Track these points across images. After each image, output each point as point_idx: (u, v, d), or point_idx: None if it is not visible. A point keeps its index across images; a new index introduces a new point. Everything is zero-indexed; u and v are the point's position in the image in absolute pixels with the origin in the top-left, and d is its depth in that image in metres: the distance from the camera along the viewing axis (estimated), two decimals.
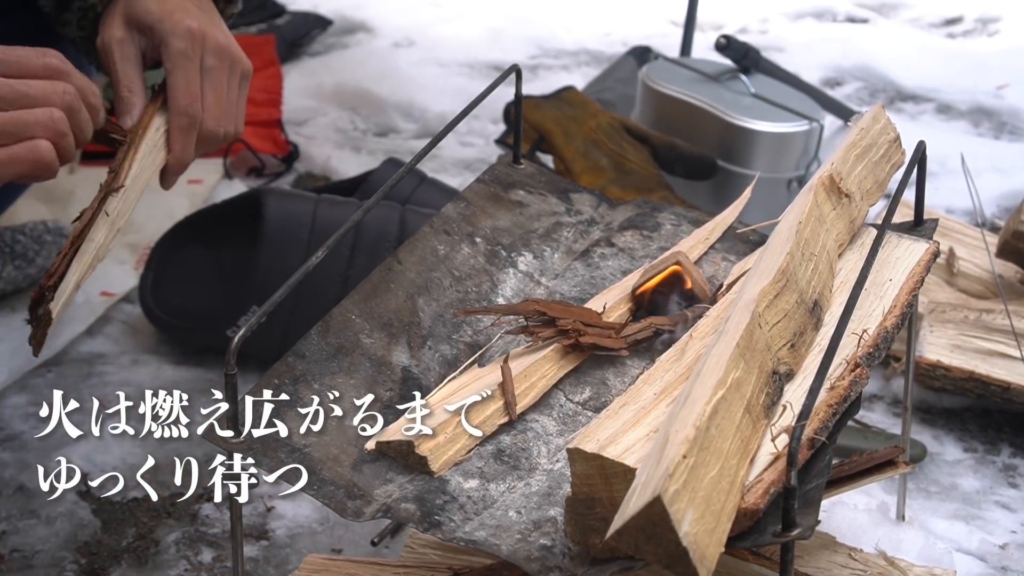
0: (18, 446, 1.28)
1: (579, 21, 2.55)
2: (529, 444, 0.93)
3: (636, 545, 0.69)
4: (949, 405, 1.40)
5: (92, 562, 1.14)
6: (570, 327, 0.98)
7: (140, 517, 1.20)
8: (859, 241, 1.02)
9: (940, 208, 1.75)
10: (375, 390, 0.95)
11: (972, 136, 2.12)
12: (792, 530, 0.74)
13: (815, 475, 0.79)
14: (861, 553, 1.05)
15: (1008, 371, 1.34)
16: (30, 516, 1.19)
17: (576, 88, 1.80)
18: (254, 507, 1.20)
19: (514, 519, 0.86)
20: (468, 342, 1.02)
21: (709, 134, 1.71)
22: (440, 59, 2.34)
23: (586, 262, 1.11)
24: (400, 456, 0.89)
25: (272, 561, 1.15)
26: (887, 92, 2.25)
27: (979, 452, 1.33)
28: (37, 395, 1.35)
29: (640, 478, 0.71)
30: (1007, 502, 1.26)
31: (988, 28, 2.60)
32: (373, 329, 0.98)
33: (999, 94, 2.24)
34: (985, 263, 1.49)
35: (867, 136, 1.03)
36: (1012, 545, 1.20)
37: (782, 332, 0.85)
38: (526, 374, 0.95)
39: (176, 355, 1.43)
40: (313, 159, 1.94)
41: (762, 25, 2.55)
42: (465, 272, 1.06)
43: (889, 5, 2.71)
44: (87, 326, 1.46)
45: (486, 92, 1.08)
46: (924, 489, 1.27)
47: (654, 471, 0.69)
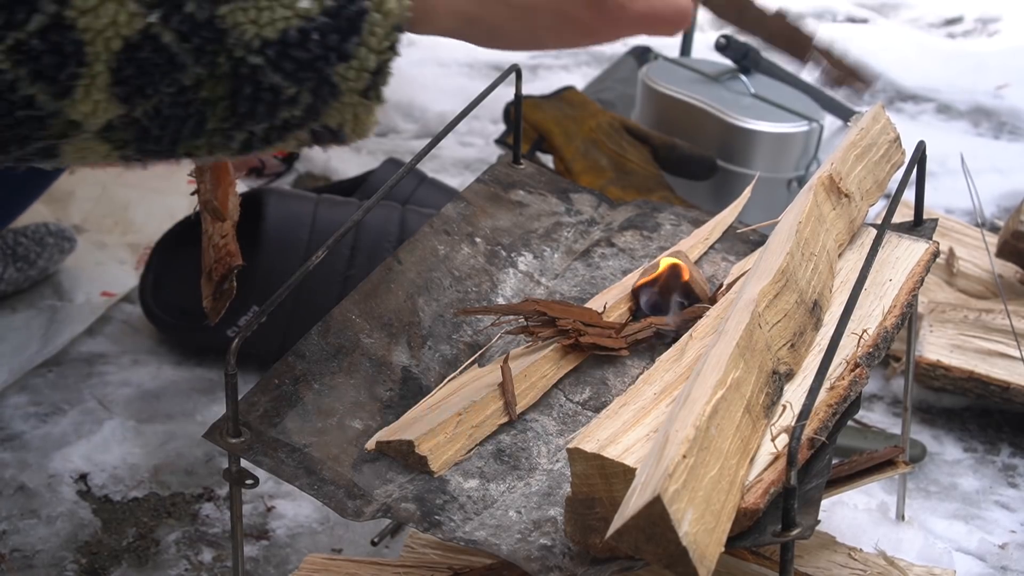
0: (18, 446, 1.28)
1: None
2: (529, 444, 0.93)
3: (636, 545, 0.69)
4: (949, 405, 1.40)
5: (92, 562, 1.14)
6: (570, 327, 0.98)
7: (140, 517, 1.20)
8: (859, 241, 1.02)
9: (940, 208, 1.75)
10: (375, 390, 0.95)
11: (972, 136, 2.12)
12: (792, 530, 0.74)
13: (815, 475, 0.79)
14: (861, 553, 1.05)
15: (1008, 371, 1.34)
16: (30, 516, 1.19)
17: (576, 88, 1.80)
18: (254, 507, 1.20)
19: (514, 519, 0.86)
20: (468, 342, 1.02)
21: (709, 134, 1.71)
22: (440, 59, 2.34)
23: (586, 262, 1.11)
24: (400, 456, 0.89)
25: (272, 561, 1.15)
26: (887, 92, 2.25)
27: (979, 452, 1.33)
28: (38, 395, 1.35)
29: (640, 478, 0.71)
30: (1007, 502, 1.26)
31: (988, 28, 2.60)
32: (373, 329, 0.98)
33: (999, 94, 2.24)
34: (985, 263, 1.50)
35: (867, 136, 1.04)
36: (1012, 545, 1.20)
37: (782, 332, 0.85)
38: (526, 374, 0.95)
39: (176, 355, 1.43)
40: (313, 159, 1.94)
41: None
42: (465, 272, 1.06)
43: (889, 5, 2.71)
44: (87, 326, 1.46)
45: (486, 92, 1.08)
46: (924, 489, 1.27)
47: (654, 471, 0.69)
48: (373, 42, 0.72)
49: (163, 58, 0.70)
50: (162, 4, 0.69)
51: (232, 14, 0.70)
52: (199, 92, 0.71)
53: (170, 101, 0.71)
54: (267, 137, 0.75)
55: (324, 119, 0.75)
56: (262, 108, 0.73)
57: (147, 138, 0.73)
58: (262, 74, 0.72)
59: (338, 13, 0.71)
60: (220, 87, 0.72)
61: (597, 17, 0.79)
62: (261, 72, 0.72)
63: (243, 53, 0.71)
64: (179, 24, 0.69)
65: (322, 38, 0.71)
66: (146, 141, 0.73)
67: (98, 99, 0.70)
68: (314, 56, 0.72)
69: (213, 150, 0.75)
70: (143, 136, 0.73)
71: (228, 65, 0.71)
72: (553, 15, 0.78)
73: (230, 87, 0.72)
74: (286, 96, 0.73)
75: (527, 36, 0.79)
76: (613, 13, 0.79)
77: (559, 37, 0.80)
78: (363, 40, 0.72)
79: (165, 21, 0.69)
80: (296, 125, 0.75)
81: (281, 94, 0.72)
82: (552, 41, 0.80)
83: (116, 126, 0.72)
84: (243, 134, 0.74)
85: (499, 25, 0.78)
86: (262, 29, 0.71)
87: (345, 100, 0.74)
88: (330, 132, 0.76)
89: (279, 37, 0.71)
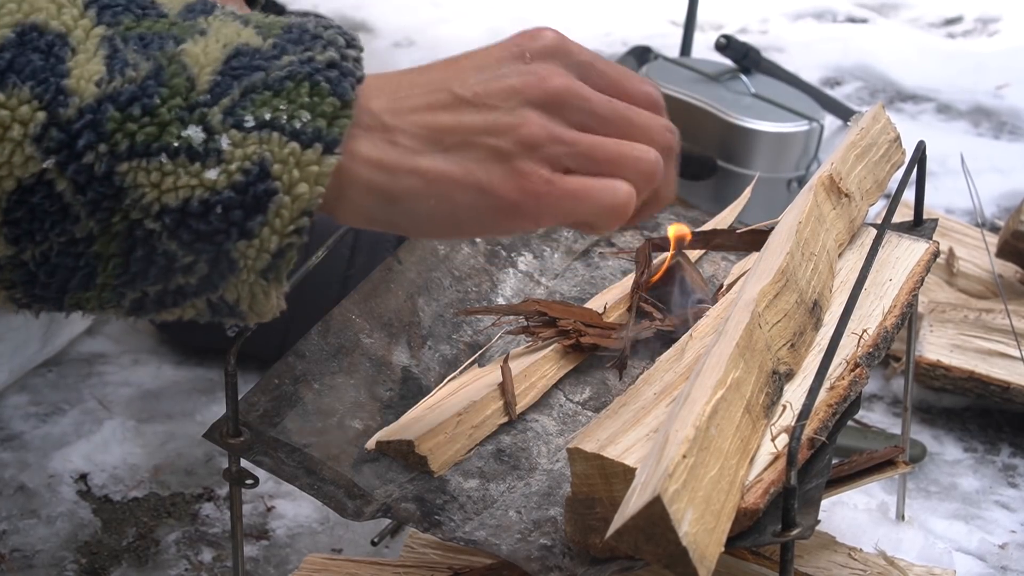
0: (18, 446, 1.27)
1: (579, 21, 2.55)
2: (529, 444, 0.93)
3: (636, 545, 0.69)
4: (949, 405, 1.39)
5: (92, 562, 1.14)
6: (571, 327, 0.98)
7: (140, 517, 1.20)
8: (859, 241, 1.02)
9: (940, 208, 1.75)
10: (375, 390, 0.95)
11: (972, 136, 2.11)
12: (792, 530, 0.74)
13: (815, 475, 0.79)
14: (861, 553, 1.04)
15: (1008, 371, 1.34)
16: (30, 516, 1.19)
17: None
18: (254, 507, 1.20)
19: (514, 519, 0.86)
20: (468, 342, 1.01)
21: (709, 134, 1.70)
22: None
23: (586, 262, 1.11)
24: (400, 456, 0.89)
25: (272, 561, 1.15)
26: (887, 92, 2.25)
27: (979, 452, 1.33)
28: (37, 395, 1.35)
29: (640, 478, 0.71)
30: (1007, 502, 1.26)
31: (988, 28, 2.60)
32: (373, 329, 0.98)
33: (999, 94, 2.23)
34: (985, 263, 1.49)
35: (867, 136, 1.03)
36: (1012, 545, 1.20)
37: (782, 332, 0.85)
38: (526, 374, 0.95)
39: (177, 354, 1.43)
40: None
41: (762, 25, 2.54)
42: (465, 272, 1.06)
43: (889, 5, 2.70)
44: (87, 325, 1.45)
45: None
46: (924, 489, 1.27)
47: (653, 471, 0.69)
48: (278, 224, 0.68)
49: (56, 206, 0.67)
50: (60, 151, 0.67)
51: (133, 172, 0.67)
52: (91, 246, 0.69)
53: (60, 250, 0.69)
54: (161, 300, 0.72)
55: (221, 292, 0.72)
56: (155, 271, 0.70)
57: (34, 283, 0.70)
58: (157, 239, 0.68)
59: (245, 189, 0.68)
60: (113, 245, 0.69)
61: (517, 191, 0.72)
62: (156, 237, 0.68)
63: (140, 216, 0.68)
64: (75, 174, 0.67)
65: (224, 212, 0.68)
66: (33, 286, 0.70)
67: None
68: (214, 230, 0.68)
69: (104, 305, 0.72)
70: (30, 280, 0.70)
71: (122, 225, 0.68)
72: (470, 189, 0.72)
73: (123, 246, 0.69)
74: (181, 263, 0.70)
75: (445, 216, 0.73)
76: (537, 188, 0.72)
77: (478, 217, 0.73)
78: (268, 220, 0.68)
79: (61, 169, 0.67)
80: (192, 294, 0.72)
81: (176, 261, 0.70)
82: (471, 223, 0.74)
83: (4, 266, 0.70)
84: (135, 293, 0.72)
85: (416, 205, 0.73)
86: (163, 195, 0.67)
87: (243, 278, 0.71)
88: (227, 306, 0.73)
89: (179, 206, 0.67)
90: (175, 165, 0.67)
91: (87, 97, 0.67)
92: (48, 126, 0.66)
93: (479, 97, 0.74)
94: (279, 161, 0.68)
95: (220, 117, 0.68)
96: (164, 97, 0.68)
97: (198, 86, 0.69)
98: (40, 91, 0.67)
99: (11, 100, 0.66)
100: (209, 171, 0.67)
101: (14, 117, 0.66)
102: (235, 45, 0.70)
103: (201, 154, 0.67)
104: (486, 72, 0.75)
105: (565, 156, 0.73)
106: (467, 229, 0.75)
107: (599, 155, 0.74)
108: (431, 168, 0.72)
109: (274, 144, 0.68)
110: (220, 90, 0.69)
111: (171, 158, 0.67)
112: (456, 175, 0.72)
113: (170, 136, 0.67)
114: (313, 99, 0.69)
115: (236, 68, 0.69)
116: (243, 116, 0.68)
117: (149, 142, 0.67)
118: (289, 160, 0.68)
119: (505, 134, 0.73)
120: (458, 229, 0.75)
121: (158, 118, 0.68)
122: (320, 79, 0.70)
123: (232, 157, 0.68)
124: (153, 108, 0.68)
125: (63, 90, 0.67)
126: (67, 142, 0.67)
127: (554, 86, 0.74)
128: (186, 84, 0.68)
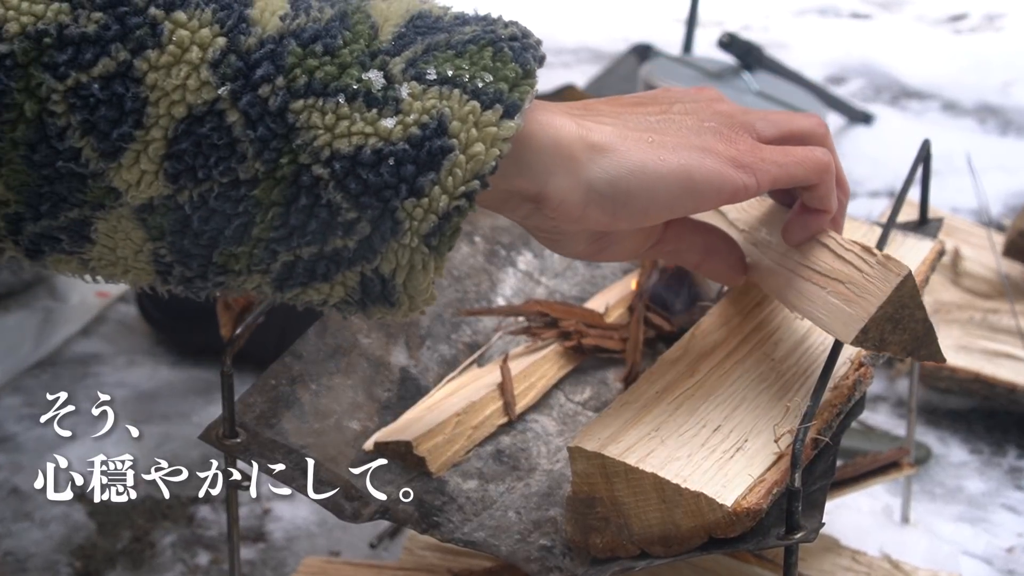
0: (12, 447, 1.27)
1: (580, 18, 2.55)
2: (529, 444, 0.92)
3: (881, 338, 0.73)
4: (954, 406, 1.39)
5: (87, 565, 1.13)
6: (572, 328, 0.98)
7: (136, 519, 1.19)
8: (863, 240, 1.01)
9: (945, 207, 1.74)
10: (373, 391, 0.94)
11: (978, 134, 2.11)
12: (796, 532, 0.73)
13: (819, 476, 0.78)
14: (865, 556, 1.04)
15: (1014, 372, 1.33)
16: (24, 519, 1.18)
17: (577, 86, 1.79)
18: (251, 509, 1.19)
19: (513, 520, 0.86)
20: (467, 342, 1.01)
21: None
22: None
23: (586, 261, 1.10)
24: (398, 457, 0.89)
25: (269, 563, 1.14)
26: (891, 89, 2.24)
27: (985, 454, 1.32)
28: (32, 396, 1.35)
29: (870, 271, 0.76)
30: (1014, 504, 1.25)
31: (994, 24, 2.59)
32: (371, 329, 0.97)
33: (1005, 91, 2.23)
34: (991, 262, 1.49)
35: None
36: (1019, 548, 1.19)
37: None
38: (526, 374, 0.95)
39: (173, 355, 1.43)
40: None
41: (765, 22, 2.54)
42: (464, 271, 1.05)
43: (893, 1, 2.70)
44: (82, 326, 1.45)
45: None
46: (929, 491, 1.26)
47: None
48: (450, 183, 0.66)
49: (224, 140, 0.65)
50: (236, 79, 0.65)
51: (307, 112, 0.65)
52: (253, 189, 0.66)
53: (220, 192, 0.66)
54: (313, 269, 0.69)
55: (378, 262, 0.69)
56: (315, 226, 0.67)
57: (186, 231, 0.68)
58: (323, 188, 0.66)
59: (420, 144, 0.65)
60: (276, 191, 0.66)
61: (733, 149, 0.75)
62: (322, 186, 0.66)
63: (308, 160, 0.66)
64: (248, 106, 0.65)
65: (396, 166, 0.65)
66: (184, 235, 0.68)
67: (146, 169, 0.66)
68: (383, 183, 0.66)
69: (252, 267, 0.69)
70: (182, 228, 0.67)
71: (289, 168, 0.66)
72: (694, 151, 0.75)
73: (286, 193, 0.66)
74: (344, 219, 0.67)
75: (677, 184, 0.74)
76: (749, 147, 0.76)
77: (709, 179, 0.75)
78: (439, 179, 0.66)
79: (235, 99, 0.65)
80: (347, 261, 0.69)
81: (339, 215, 0.67)
82: (702, 191, 0.75)
83: (156, 208, 0.67)
84: (288, 255, 0.69)
85: (638, 182, 0.74)
86: (336, 139, 0.65)
87: (405, 242, 0.68)
88: (381, 282, 0.70)
89: (351, 152, 0.65)
90: (352, 109, 0.66)
91: (270, 29, 0.66)
92: (227, 52, 0.65)
93: (663, 107, 0.78)
94: (458, 119, 0.66)
95: (402, 67, 0.67)
96: (347, 40, 0.67)
97: (381, 36, 0.68)
98: (223, 16, 0.65)
99: (192, 22, 0.65)
100: (386, 119, 0.66)
101: (193, 39, 0.65)
102: (418, 8, 0.70)
103: (380, 100, 0.66)
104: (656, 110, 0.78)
105: (759, 121, 0.78)
106: (688, 202, 0.75)
107: (785, 127, 0.79)
108: (642, 137, 0.74)
109: (454, 100, 0.67)
110: (403, 42, 0.68)
111: (348, 101, 0.66)
112: (671, 144, 0.74)
113: (350, 78, 0.66)
114: (496, 64, 0.69)
115: (419, 27, 0.69)
116: (425, 69, 0.67)
117: (328, 81, 0.66)
118: (468, 119, 0.67)
119: (702, 111, 0.77)
120: (684, 200, 0.75)
121: (339, 59, 0.66)
122: (504, 46, 0.69)
123: (411, 108, 0.66)
124: (335, 48, 0.66)
125: (246, 19, 0.66)
126: (244, 71, 0.65)
127: (726, 107, 0.79)
128: (369, 31, 0.68)
